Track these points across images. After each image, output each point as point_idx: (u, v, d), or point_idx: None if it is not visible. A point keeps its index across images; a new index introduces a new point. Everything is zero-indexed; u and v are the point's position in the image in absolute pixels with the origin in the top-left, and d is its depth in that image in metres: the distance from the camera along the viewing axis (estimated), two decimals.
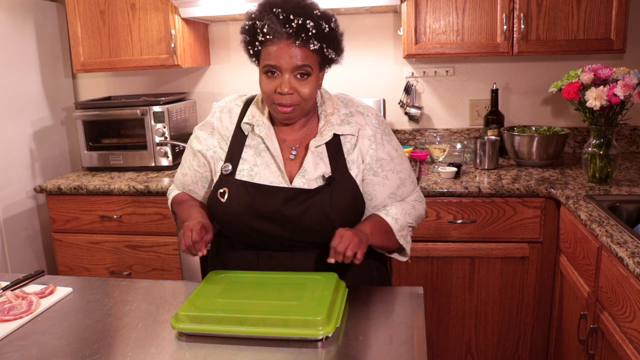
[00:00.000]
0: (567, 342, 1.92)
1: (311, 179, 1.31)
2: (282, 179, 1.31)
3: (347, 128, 1.35)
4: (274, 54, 1.22)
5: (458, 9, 2.31)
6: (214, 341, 1.07)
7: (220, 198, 1.32)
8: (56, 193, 2.42)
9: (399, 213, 1.36)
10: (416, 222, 1.43)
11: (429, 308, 2.21)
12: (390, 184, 1.37)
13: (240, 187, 1.31)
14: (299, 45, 1.21)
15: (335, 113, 1.36)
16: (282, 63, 1.22)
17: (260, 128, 1.34)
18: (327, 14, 1.25)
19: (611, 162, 1.98)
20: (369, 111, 1.39)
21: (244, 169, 1.33)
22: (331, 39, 1.26)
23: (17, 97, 2.57)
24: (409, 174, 1.43)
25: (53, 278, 1.44)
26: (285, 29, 1.20)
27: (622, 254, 1.37)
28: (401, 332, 1.11)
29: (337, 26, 1.28)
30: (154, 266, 2.41)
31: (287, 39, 1.21)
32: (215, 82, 2.91)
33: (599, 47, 2.25)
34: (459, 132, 2.74)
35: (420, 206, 1.45)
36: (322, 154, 1.33)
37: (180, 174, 1.49)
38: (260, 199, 1.29)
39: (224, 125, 1.39)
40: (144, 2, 2.49)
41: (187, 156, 1.47)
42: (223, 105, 1.42)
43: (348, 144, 1.35)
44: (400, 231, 1.36)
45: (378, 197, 1.37)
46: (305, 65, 1.23)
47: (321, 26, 1.22)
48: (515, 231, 2.09)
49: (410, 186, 1.42)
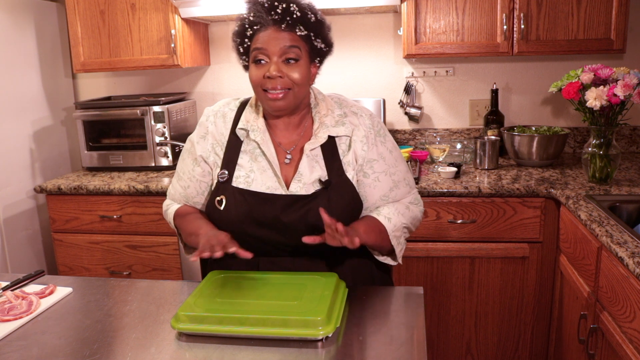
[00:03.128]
0: (567, 342, 1.92)
1: (307, 183, 1.30)
2: (278, 185, 1.30)
3: (342, 129, 1.33)
4: (261, 39, 1.25)
5: (458, 9, 2.31)
6: (214, 341, 1.07)
7: (218, 206, 1.31)
8: (56, 193, 2.42)
9: (391, 213, 1.34)
10: (412, 224, 1.40)
11: (429, 308, 2.21)
12: (381, 186, 1.35)
13: (237, 194, 1.30)
14: (284, 29, 1.24)
15: (330, 114, 1.34)
16: (269, 46, 1.23)
17: (255, 133, 1.33)
18: (312, 6, 1.28)
19: (611, 162, 1.98)
20: (362, 112, 1.38)
21: (240, 175, 1.32)
22: (319, 29, 1.27)
23: (17, 97, 2.57)
24: (404, 176, 1.40)
25: (53, 278, 1.44)
26: (271, 15, 1.23)
27: (622, 254, 1.37)
28: (401, 332, 1.11)
29: (324, 18, 1.30)
30: (154, 266, 2.41)
31: (274, 24, 1.24)
32: (215, 82, 2.91)
33: (599, 47, 2.25)
34: (459, 132, 2.74)
35: (416, 208, 1.42)
36: (318, 156, 1.32)
37: (179, 187, 1.43)
38: (259, 207, 1.28)
39: (218, 130, 1.37)
40: (144, 2, 2.49)
41: (185, 167, 1.42)
42: (217, 110, 1.40)
43: (343, 145, 1.34)
44: (394, 231, 1.33)
45: (369, 199, 1.35)
46: (293, 47, 1.24)
47: (307, 14, 1.25)
48: (515, 231, 2.09)
49: (405, 189, 1.40)
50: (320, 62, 1.34)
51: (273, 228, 1.28)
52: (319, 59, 1.33)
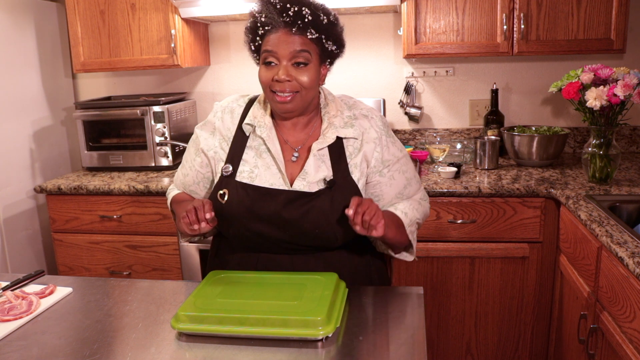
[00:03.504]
0: (567, 342, 1.92)
1: (312, 182, 1.30)
2: (282, 181, 1.31)
3: (350, 131, 1.34)
4: (271, 41, 1.24)
5: (458, 9, 2.31)
6: (214, 341, 1.07)
7: (220, 199, 1.31)
8: (56, 193, 2.42)
9: (407, 208, 1.37)
10: (423, 219, 1.44)
11: (429, 308, 2.21)
12: (397, 184, 1.38)
13: (240, 189, 1.31)
14: (295, 33, 1.23)
15: (339, 115, 1.35)
16: (279, 49, 1.23)
17: (261, 129, 1.33)
18: (325, 7, 1.27)
19: (611, 162, 1.98)
20: (373, 113, 1.38)
21: (244, 170, 1.33)
22: (331, 31, 1.27)
23: (17, 97, 2.57)
24: (414, 173, 1.44)
25: (53, 278, 1.44)
26: (283, 17, 1.23)
27: (622, 254, 1.37)
28: (401, 332, 1.11)
29: (337, 19, 1.29)
30: (154, 266, 2.41)
31: (285, 27, 1.23)
32: (215, 82, 2.91)
33: (599, 47, 2.25)
34: (459, 132, 2.74)
35: (426, 204, 1.47)
36: (324, 156, 1.32)
37: (181, 174, 1.48)
38: (260, 202, 1.29)
39: (225, 125, 1.38)
40: (144, 2, 2.49)
41: (188, 156, 1.46)
42: (225, 105, 1.41)
43: (351, 147, 1.34)
44: (410, 226, 1.36)
45: (386, 197, 1.38)
46: (303, 51, 1.24)
47: (319, 17, 1.24)
48: (515, 231, 2.09)
49: (416, 185, 1.44)
50: (331, 63, 1.35)
51: (273, 224, 1.29)
52: (329, 60, 1.33)
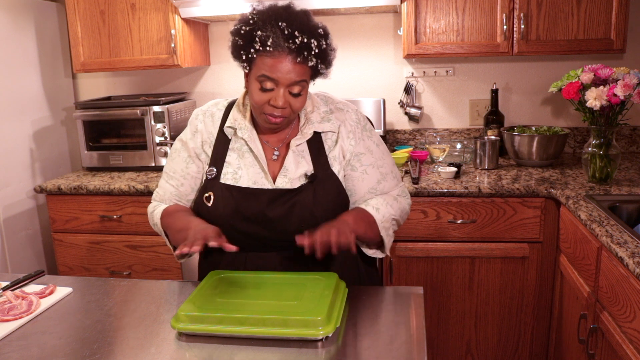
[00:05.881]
0: (567, 342, 1.92)
1: (293, 177, 1.32)
2: (265, 180, 1.33)
3: (328, 125, 1.36)
4: (272, 66, 1.21)
5: (458, 9, 2.31)
6: (214, 341, 1.07)
7: (206, 202, 1.33)
8: (56, 193, 2.42)
9: (379, 204, 1.36)
10: (400, 216, 1.42)
11: (429, 308, 2.21)
12: (369, 179, 1.38)
13: (225, 190, 1.32)
14: (299, 62, 1.21)
15: (315, 111, 1.37)
16: (279, 77, 1.21)
17: (242, 131, 1.35)
18: (326, 31, 1.26)
19: (611, 162, 1.98)
20: (348, 107, 1.40)
21: (228, 172, 1.35)
22: (325, 56, 1.26)
23: (17, 97, 2.57)
24: (391, 169, 1.43)
25: (53, 278, 1.44)
26: (288, 44, 1.19)
27: (622, 254, 1.37)
28: (401, 332, 1.11)
29: (331, 41, 1.28)
30: (154, 266, 2.41)
31: (289, 54, 1.20)
32: (215, 82, 2.91)
33: (599, 47, 2.25)
34: (459, 132, 2.74)
35: (404, 200, 1.44)
36: (304, 152, 1.34)
37: (170, 187, 1.42)
38: (245, 202, 1.30)
39: (207, 129, 1.39)
40: (144, 2, 2.49)
41: (176, 166, 1.41)
42: (205, 109, 1.42)
43: (329, 140, 1.36)
44: (383, 222, 1.35)
45: (358, 192, 1.38)
46: (302, 81, 1.24)
47: (322, 46, 1.23)
48: (515, 231, 2.09)
49: (393, 181, 1.42)
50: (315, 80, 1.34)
51: (259, 223, 1.30)
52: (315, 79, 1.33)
